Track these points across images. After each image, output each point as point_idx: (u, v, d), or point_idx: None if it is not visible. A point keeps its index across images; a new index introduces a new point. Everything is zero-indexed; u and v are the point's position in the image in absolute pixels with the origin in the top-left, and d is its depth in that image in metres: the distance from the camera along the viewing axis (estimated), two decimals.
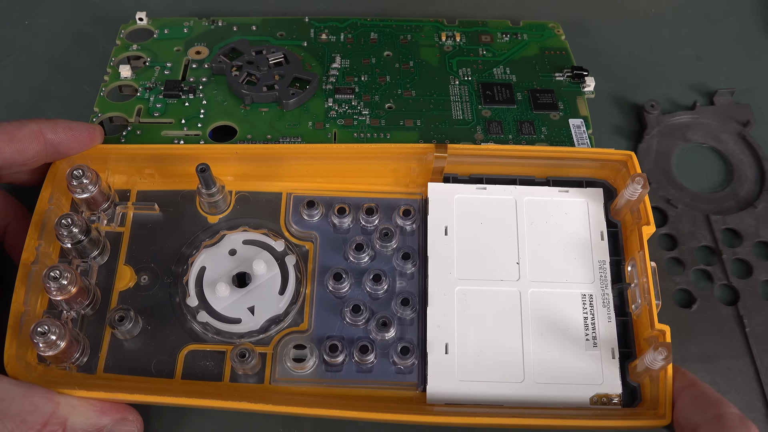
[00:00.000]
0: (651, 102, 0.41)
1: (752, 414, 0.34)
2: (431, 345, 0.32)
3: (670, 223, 0.38)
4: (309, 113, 0.38)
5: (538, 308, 0.33)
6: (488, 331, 0.33)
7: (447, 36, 0.42)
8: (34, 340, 0.29)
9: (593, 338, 0.33)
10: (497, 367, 0.32)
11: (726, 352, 0.35)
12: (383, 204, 0.36)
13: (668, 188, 0.39)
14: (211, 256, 0.34)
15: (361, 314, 0.33)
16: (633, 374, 0.32)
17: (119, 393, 0.30)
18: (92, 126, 0.35)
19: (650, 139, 0.41)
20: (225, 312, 0.33)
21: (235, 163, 0.35)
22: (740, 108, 0.42)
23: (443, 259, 0.34)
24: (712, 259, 0.38)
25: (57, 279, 0.31)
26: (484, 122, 0.38)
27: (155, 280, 0.34)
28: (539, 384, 0.32)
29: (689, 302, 0.37)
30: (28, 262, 0.32)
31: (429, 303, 0.33)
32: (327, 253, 0.35)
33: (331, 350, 0.32)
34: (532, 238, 0.35)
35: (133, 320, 0.32)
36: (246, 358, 0.31)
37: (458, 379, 0.32)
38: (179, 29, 0.43)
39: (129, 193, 0.36)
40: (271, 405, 0.30)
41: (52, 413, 0.29)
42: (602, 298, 0.34)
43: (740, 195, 0.40)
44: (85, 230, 0.33)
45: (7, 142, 0.32)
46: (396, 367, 0.32)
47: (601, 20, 0.47)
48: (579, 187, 0.36)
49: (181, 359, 0.33)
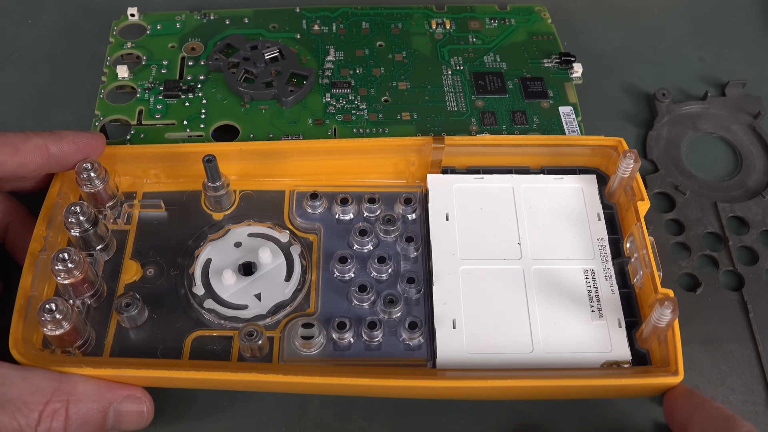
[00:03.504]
0: (662, 90, 0.43)
1: (753, 398, 0.34)
2: (439, 320, 0.32)
3: (677, 208, 0.39)
4: (308, 109, 0.40)
5: (541, 284, 0.34)
6: (494, 306, 0.33)
7: (437, 23, 0.44)
8: (42, 317, 0.29)
9: (598, 309, 0.33)
10: (506, 339, 0.32)
11: (729, 336, 0.35)
12: (385, 196, 0.37)
13: (677, 175, 0.40)
14: (217, 248, 0.35)
15: (367, 293, 0.33)
16: (641, 341, 0.32)
17: (126, 369, 0.30)
18: (95, 136, 0.35)
19: (660, 127, 0.42)
20: (231, 299, 0.33)
21: (239, 162, 0.36)
22: (751, 100, 0.43)
23: (446, 241, 0.35)
24: (718, 246, 0.38)
25: (65, 261, 0.31)
26: (478, 113, 0.40)
27: (161, 273, 0.34)
28: (548, 354, 0.32)
29: (694, 286, 0.37)
30: (36, 251, 0.32)
31: (434, 281, 0.33)
32: (331, 243, 0.35)
33: (339, 327, 0.32)
34: (531, 220, 0.36)
35: (139, 306, 0.32)
36: (254, 336, 0.31)
37: (468, 352, 0.32)
38: (172, 24, 0.44)
39: (135, 194, 0.36)
40: (281, 375, 0.30)
41: (55, 391, 0.29)
42: (604, 273, 0.34)
43: (748, 184, 0.40)
44: (93, 221, 0.33)
45: (11, 155, 0.32)
46: (404, 344, 0.32)
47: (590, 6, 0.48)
48: (573, 175, 0.37)
49: (188, 345, 0.32)
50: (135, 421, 0.30)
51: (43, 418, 0.28)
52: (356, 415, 0.33)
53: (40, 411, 0.28)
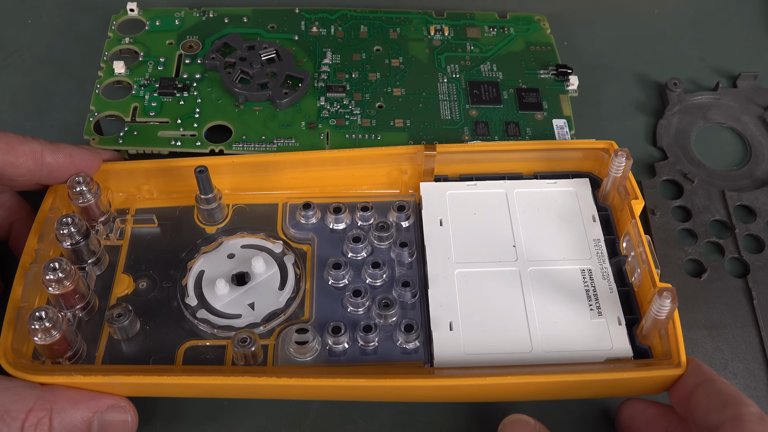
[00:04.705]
0: (674, 80, 0.43)
1: (755, 383, 0.34)
2: (435, 322, 0.32)
3: (685, 196, 0.39)
4: (302, 112, 0.40)
5: (538, 284, 0.33)
6: (491, 307, 0.32)
7: (435, 30, 0.44)
8: (31, 325, 0.29)
9: (597, 308, 0.32)
10: (504, 339, 0.31)
11: (732, 322, 0.36)
12: (378, 206, 0.36)
13: (685, 163, 0.41)
14: (210, 260, 0.35)
15: (362, 297, 0.32)
16: (642, 337, 0.31)
17: (117, 376, 0.29)
18: (92, 154, 0.35)
19: (671, 116, 0.43)
20: (225, 309, 0.33)
21: (231, 175, 0.36)
22: (762, 92, 0.44)
23: (440, 246, 0.34)
24: (724, 234, 0.39)
25: (56, 270, 0.30)
26: (471, 123, 0.40)
27: (154, 286, 0.34)
28: (547, 353, 0.31)
29: (699, 272, 0.37)
30: (27, 263, 0.32)
31: (430, 285, 0.33)
32: (325, 252, 0.35)
33: (334, 332, 0.31)
34: (526, 223, 0.35)
35: (130, 317, 0.32)
36: (247, 343, 0.31)
37: (465, 353, 0.31)
38: (170, 21, 0.44)
39: (128, 210, 0.36)
40: (274, 378, 0.29)
41: (38, 399, 0.28)
42: (601, 272, 0.34)
43: (757, 174, 0.41)
44: (84, 233, 0.33)
45: (4, 152, 0.32)
46: (401, 348, 0.32)
47: (589, 11, 0.49)
48: (566, 179, 0.37)
49: (181, 355, 0.32)
50: (120, 431, 0.29)
51: (25, 428, 0.27)
52: (356, 416, 0.33)
53: (22, 420, 0.27)
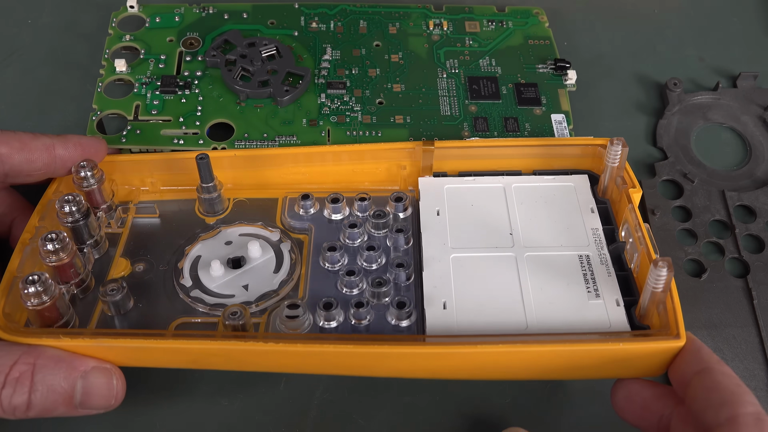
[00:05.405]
0: (674, 80, 0.43)
1: (754, 383, 0.33)
2: (429, 300, 0.31)
3: (685, 196, 0.39)
4: (303, 109, 0.40)
5: (534, 268, 0.33)
6: (486, 288, 0.32)
7: (434, 24, 0.45)
8: (24, 289, 0.29)
9: (595, 290, 0.32)
10: (499, 318, 0.31)
11: (732, 322, 0.35)
12: (376, 200, 0.37)
13: (685, 163, 0.41)
14: (208, 246, 0.35)
15: (355, 277, 0.32)
16: (640, 317, 0.31)
17: (104, 338, 0.29)
18: (98, 140, 0.36)
19: (671, 116, 0.43)
20: (219, 290, 0.33)
21: (233, 169, 0.37)
22: (762, 92, 0.44)
23: (436, 232, 0.34)
24: (724, 234, 0.38)
25: (53, 241, 0.31)
26: (470, 118, 0.40)
27: (151, 269, 0.34)
28: (543, 331, 0.30)
29: (699, 272, 0.36)
30: (26, 239, 0.33)
31: (424, 267, 0.33)
32: (322, 240, 0.35)
33: (326, 308, 0.31)
34: (524, 214, 0.35)
35: (123, 292, 0.32)
36: (237, 315, 0.30)
37: (459, 330, 0.30)
38: (170, 17, 0.44)
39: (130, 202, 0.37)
40: (261, 343, 0.29)
41: (22, 354, 0.28)
42: (599, 258, 0.33)
43: (757, 175, 0.41)
44: (84, 212, 0.33)
45: (19, 150, 0.33)
46: (393, 326, 0.31)
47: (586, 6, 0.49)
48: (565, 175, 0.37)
49: (172, 329, 0.32)
50: (104, 396, 0.29)
51: (8, 381, 0.27)
52: (356, 416, 0.32)
53: (5, 374, 0.27)
